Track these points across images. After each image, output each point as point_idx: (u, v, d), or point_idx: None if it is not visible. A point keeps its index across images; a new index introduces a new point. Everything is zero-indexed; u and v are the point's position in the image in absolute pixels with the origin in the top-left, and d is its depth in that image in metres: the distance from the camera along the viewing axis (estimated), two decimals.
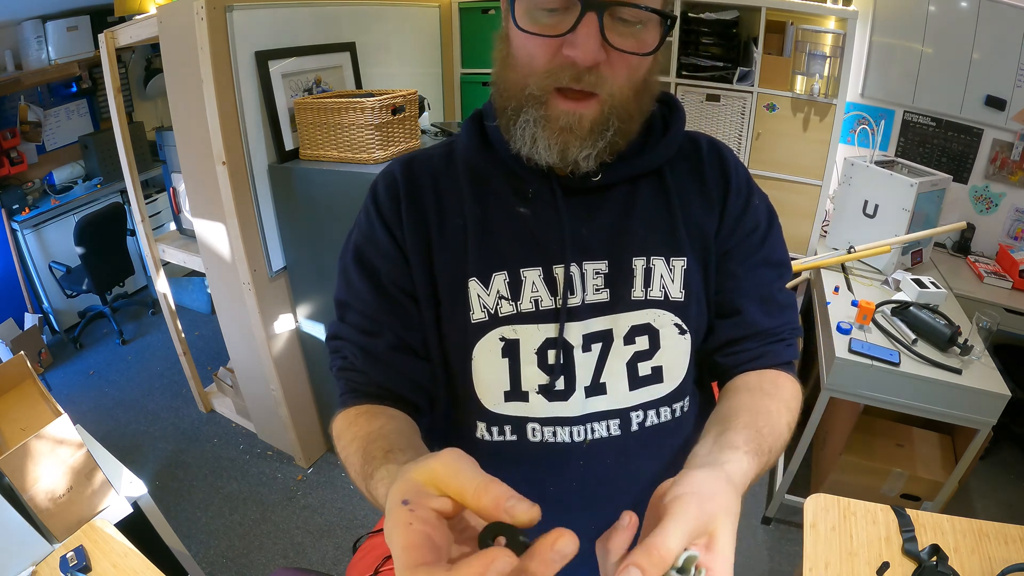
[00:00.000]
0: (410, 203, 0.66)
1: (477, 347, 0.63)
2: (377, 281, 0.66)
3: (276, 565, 1.90)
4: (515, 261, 0.63)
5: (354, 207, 1.96)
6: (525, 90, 0.56)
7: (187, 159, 1.93)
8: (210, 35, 1.55)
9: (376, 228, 0.67)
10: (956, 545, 0.97)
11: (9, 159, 3.12)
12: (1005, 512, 2.07)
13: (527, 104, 0.57)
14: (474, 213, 0.65)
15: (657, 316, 0.64)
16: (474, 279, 0.63)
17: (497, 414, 0.64)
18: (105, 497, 1.27)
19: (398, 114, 1.74)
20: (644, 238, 0.64)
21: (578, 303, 0.62)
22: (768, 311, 0.68)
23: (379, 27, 2.19)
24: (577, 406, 0.63)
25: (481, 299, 0.63)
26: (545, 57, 0.54)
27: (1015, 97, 2.15)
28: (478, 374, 0.63)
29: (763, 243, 0.69)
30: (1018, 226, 2.34)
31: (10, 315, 3.16)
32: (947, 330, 1.62)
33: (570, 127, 0.56)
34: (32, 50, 3.14)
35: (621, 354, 0.63)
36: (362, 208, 0.71)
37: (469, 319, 0.63)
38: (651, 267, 0.64)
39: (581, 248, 0.63)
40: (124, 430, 2.57)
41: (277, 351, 2.05)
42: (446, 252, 0.64)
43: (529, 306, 0.62)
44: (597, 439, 0.64)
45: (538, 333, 0.62)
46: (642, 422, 0.65)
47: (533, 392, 0.63)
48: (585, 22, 0.51)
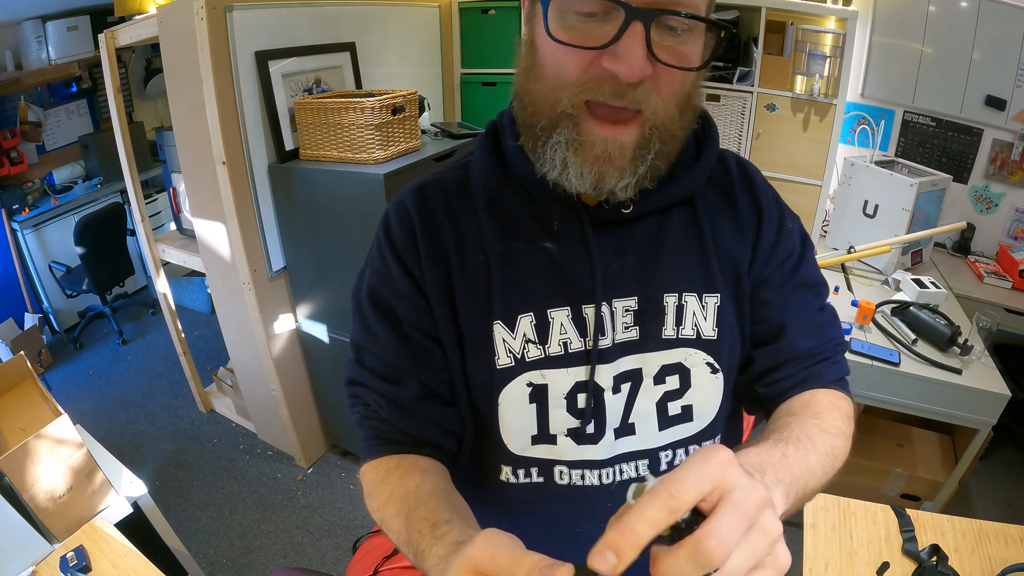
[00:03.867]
0: (427, 239, 0.61)
1: (503, 393, 0.59)
2: (397, 325, 0.62)
3: (276, 565, 1.90)
4: (542, 301, 0.59)
5: (354, 207, 1.95)
6: (556, 106, 0.50)
7: (187, 159, 1.93)
8: (210, 35, 1.55)
9: (391, 268, 0.62)
10: (956, 545, 0.97)
11: (9, 159, 3.12)
12: (1005, 512, 2.07)
13: (559, 123, 0.50)
14: (496, 249, 0.60)
15: (689, 355, 0.60)
16: (499, 322, 0.59)
17: (523, 457, 0.61)
18: (105, 497, 1.27)
19: (398, 114, 1.74)
20: (676, 273, 0.60)
21: (608, 344, 0.58)
22: (807, 333, 0.64)
23: (379, 27, 2.19)
24: (606, 448, 0.60)
25: (507, 343, 0.59)
26: (579, 68, 0.48)
27: (1015, 97, 2.15)
28: (504, 419, 0.60)
29: (798, 268, 0.65)
30: (1018, 226, 2.34)
31: (10, 315, 3.16)
32: (947, 330, 1.62)
33: (608, 155, 0.50)
34: (32, 50, 3.14)
35: (651, 394, 0.60)
36: (374, 243, 0.66)
37: (494, 364, 0.59)
38: (683, 304, 0.60)
39: (611, 285, 0.59)
40: (124, 430, 2.57)
41: (277, 351, 2.05)
42: (468, 292, 0.60)
43: (558, 349, 0.59)
44: (625, 480, 0.61)
45: (567, 377, 0.59)
46: (671, 461, 0.62)
47: (561, 435, 0.60)
48: (630, 32, 0.45)
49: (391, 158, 1.76)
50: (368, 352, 0.64)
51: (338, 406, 2.21)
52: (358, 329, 0.66)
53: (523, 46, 0.55)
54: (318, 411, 2.29)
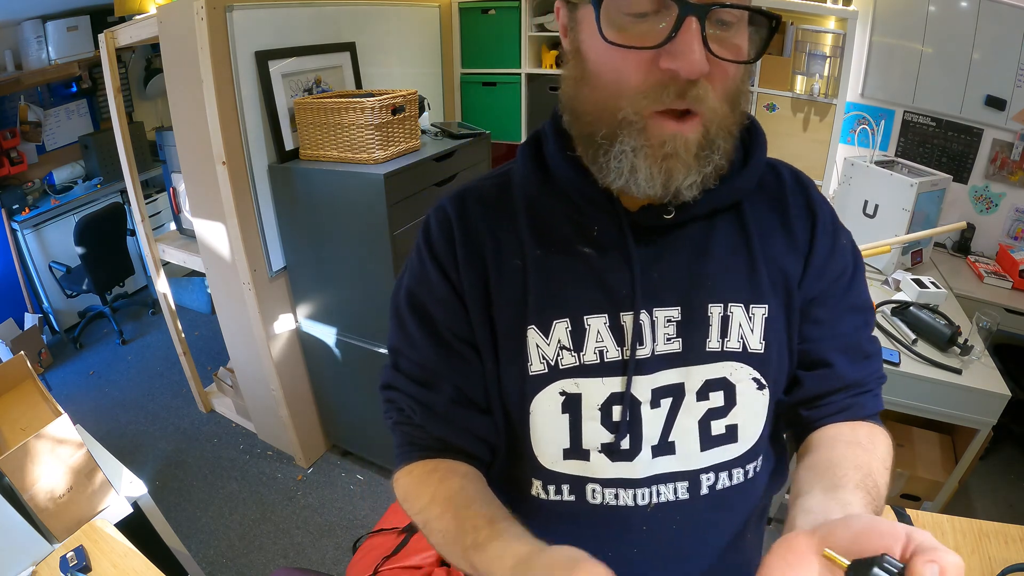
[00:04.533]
0: (465, 243, 0.60)
1: (535, 401, 0.57)
2: (434, 329, 0.61)
3: (276, 565, 1.90)
4: (578, 308, 0.57)
5: (354, 207, 1.95)
6: (618, 114, 0.48)
7: (187, 159, 1.93)
8: (210, 35, 1.55)
9: (430, 271, 0.61)
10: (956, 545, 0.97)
11: (9, 159, 3.12)
12: (1005, 512, 2.07)
13: (622, 131, 0.48)
14: (534, 254, 0.58)
15: (734, 370, 0.57)
16: (533, 327, 0.57)
17: (555, 472, 0.59)
18: (105, 497, 1.27)
19: (398, 114, 1.74)
20: (722, 283, 0.57)
21: (647, 354, 0.56)
22: (856, 361, 0.62)
23: (379, 27, 2.19)
24: (642, 467, 0.57)
25: (540, 349, 0.57)
26: (639, 73, 0.46)
27: (1015, 97, 2.15)
28: (536, 429, 0.58)
29: (849, 287, 0.62)
30: (1018, 226, 2.33)
31: (10, 315, 3.16)
32: (947, 330, 1.62)
33: (676, 152, 0.48)
34: (32, 50, 3.14)
35: (693, 411, 0.57)
36: (414, 248, 0.65)
37: (527, 370, 0.57)
38: (728, 315, 0.57)
39: (652, 293, 0.56)
40: (124, 430, 2.57)
41: (277, 351, 2.05)
42: (504, 297, 0.59)
43: (593, 357, 0.56)
44: (663, 503, 0.58)
45: (602, 387, 0.56)
46: (712, 485, 0.59)
47: (595, 451, 0.57)
48: (686, 27, 0.44)
49: (391, 158, 1.76)
50: (404, 356, 0.63)
51: (338, 406, 2.22)
52: (395, 332, 0.65)
53: (567, 56, 0.54)
54: (318, 411, 2.29)
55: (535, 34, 2.61)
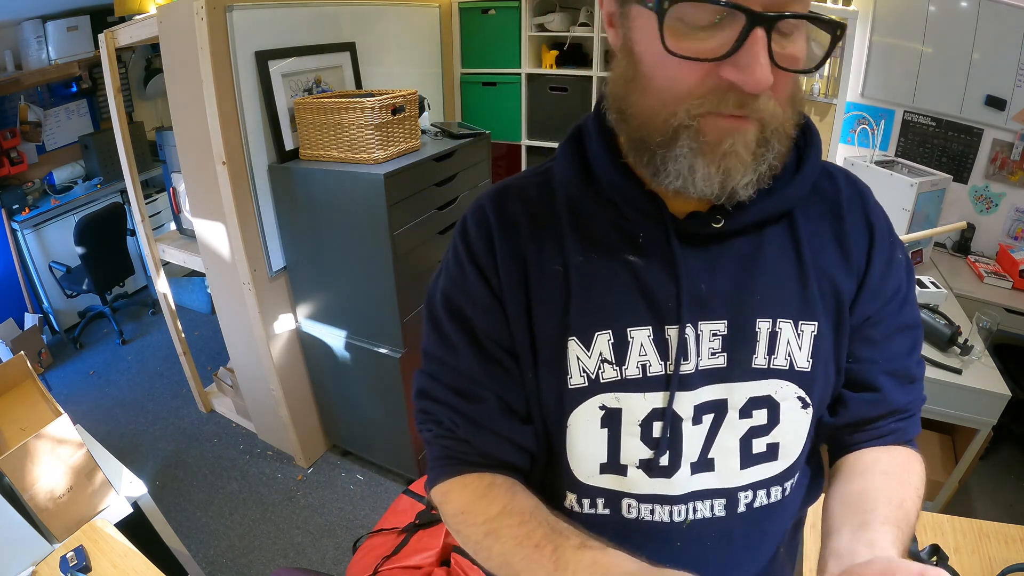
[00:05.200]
0: (505, 245, 0.57)
1: (574, 415, 0.55)
2: (474, 337, 0.59)
3: (276, 565, 1.90)
4: (622, 319, 0.54)
5: (354, 207, 1.95)
6: (671, 120, 0.46)
7: (187, 159, 1.93)
8: (210, 35, 1.55)
9: (468, 275, 0.59)
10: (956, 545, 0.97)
11: (9, 159, 3.13)
12: (1005, 512, 2.07)
13: (678, 136, 0.46)
14: (576, 260, 0.56)
15: (780, 388, 0.55)
16: (574, 339, 0.55)
17: (590, 486, 0.58)
18: (105, 497, 1.27)
19: (398, 114, 1.74)
20: (771, 297, 0.55)
21: (691, 369, 0.54)
22: (903, 386, 0.60)
23: (379, 27, 2.19)
24: (680, 484, 0.56)
25: (581, 362, 0.55)
26: (695, 80, 0.44)
27: (1015, 97, 2.15)
28: (572, 443, 0.57)
29: (903, 306, 0.60)
30: (1018, 226, 2.33)
31: (10, 315, 3.16)
32: (947, 330, 1.62)
33: (734, 150, 0.46)
34: (32, 50, 3.14)
35: (735, 428, 0.55)
36: (450, 247, 0.62)
37: (567, 383, 0.55)
38: (777, 331, 0.55)
39: (698, 306, 0.54)
40: (124, 430, 2.57)
41: (277, 351, 2.05)
42: (545, 304, 0.56)
43: (635, 372, 0.54)
44: (699, 519, 0.57)
45: (644, 403, 0.54)
46: (750, 502, 0.57)
47: (632, 466, 0.56)
48: (752, 39, 0.41)
49: (391, 158, 1.76)
50: (441, 363, 0.60)
51: (338, 406, 2.22)
52: (431, 338, 0.61)
53: (618, 53, 0.50)
54: (318, 411, 2.29)
55: (535, 34, 2.61)
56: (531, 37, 2.60)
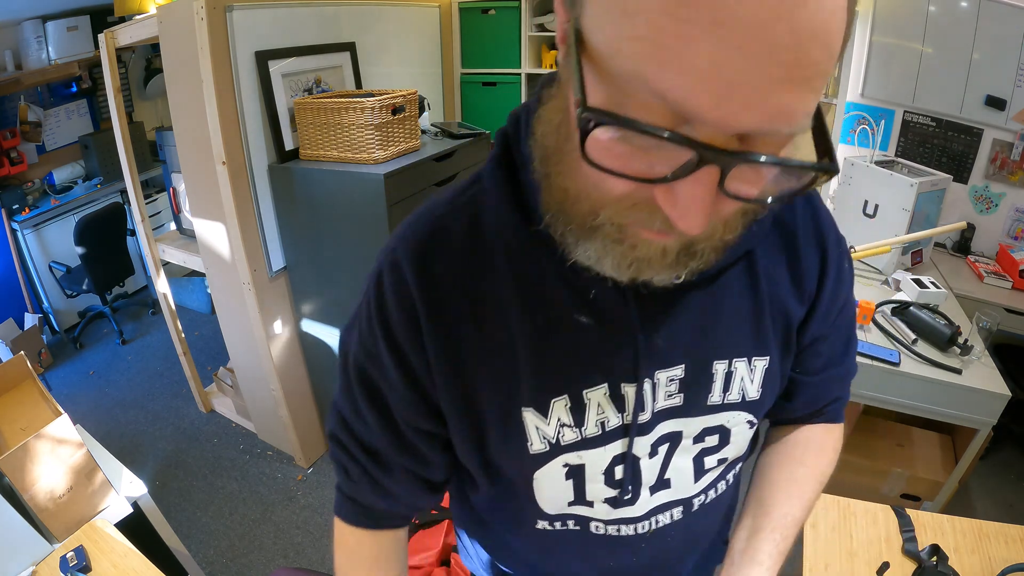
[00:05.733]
0: (433, 316, 0.50)
1: (537, 473, 0.55)
2: (387, 415, 0.55)
3: (276, 565, 1.90)
4: (577, 382, 0.52)
5: (354, 207, 1.94)
6: (590, 218, 0.39)
7: (187, 159, 1.93)
8: (210, 35, 1.55)
9: (382, 352, 0.52)
10: (956, 545, 0.97)
11: (9, 159, 3.12)
12: (1005, 512, 2.07)
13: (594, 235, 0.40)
14: (523, 328, 0.50)
15: (732, 417, 0.57)
16: (530, 409, 0.52)
17: (559, 515, 0.60)
18: (105, 497, 1.27)
19: (398, 114, 1.74)
20: (729, 339, 0.54)
21: (647, 417, 0.54)
22: (843, 380, 0.65)
23: (379, 27, 2.19)
24: (642, 506, 0.58)
25: (540, 430, 0.53)
26: (622, 190, 0.36)
27: (1015, 97, 2.15)
28: (539, 491, 0.57)
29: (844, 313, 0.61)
30: (1018, 226, 2.33)
31: (10, 315, 3.16)
32: (947, 330, 1.62)
33: (649, 259, 0.40)
34: (32, 50, 3.14)
35: (688, 451, 0.57)
36: (363, 302, 0.54)
37: (527, 449, 0.53)
38: (732, 371, 0.55)
39: (656, 359, 0.52)
40: (124, 430, 2.57)
41: (277, 351, 2.05)
42: (491, 373, 0.52)
43: (595, 430, 0.53)
44: (660, 527, 0.60)
45: (604, 454, 0.54)
46: (703, 502, 0.62)
47: (599, 501, 0.58)
48: (698, 177, 0.32)
49: (391, 158, 1.76)
50: (353, 431, 0.59)
51: None
52: (344, 398, 0.58)
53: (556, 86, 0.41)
54: (318, 411, 2.29)
55: (535, 34, 2.61)
56: (531, 37, 2.61)
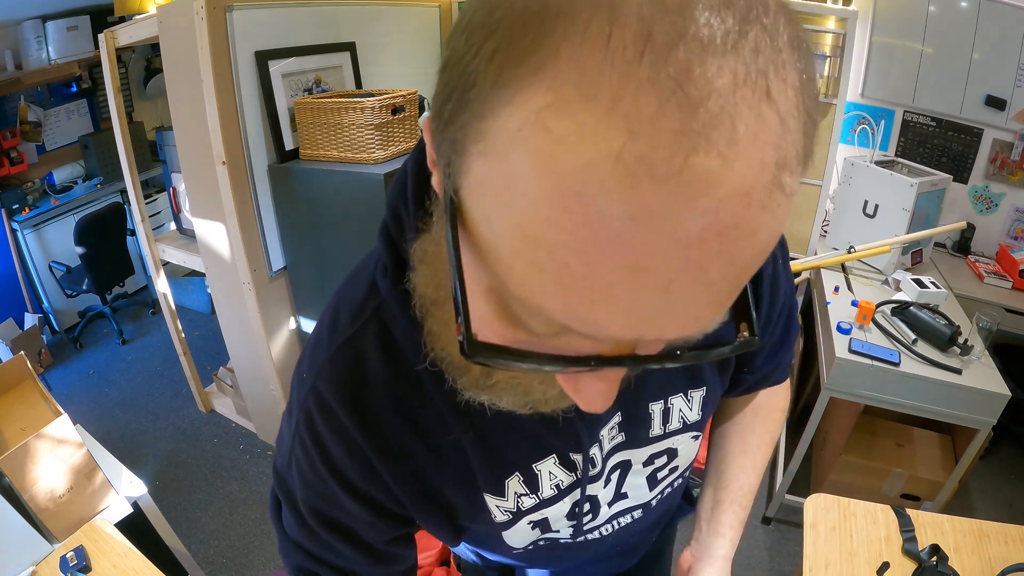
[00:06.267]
0: (384, 455, 0.49)
1: (506, 534, 0.58)
2: (357, 541, 0.55)
3: (276, 565, 1.90)
4: (525, 459, 0.53)
5: (354, 207, 1.94)
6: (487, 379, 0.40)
7: (187, 159, 1.93)
8: (210, 35, 1.55)
9: (339, 495, 0.51)
10: (956, 545, 0.97)
11: (9, 159, 3.12)
12: (1005, 512, 2.07)
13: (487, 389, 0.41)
14: (464, 430, 0.50)
15: (676, 440, 0.59)
16: (487, 494, 0.54)
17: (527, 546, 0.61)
18: (105, 497, 1.27)
19: (398, 114, 1.74)
20: (660, 381, 0.55)
21: (599, 469, 0.56)
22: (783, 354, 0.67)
23: (379, 27, 2.19)
24: (603, 517, 0.62)
25: (500, 506, 0.55)
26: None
27: (1015, 97, 2.15)
28: (510, 539, 0.59)
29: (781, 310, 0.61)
30: (1018, 226, 2.34)
31: (10, 315, 3.16)
32: (947, 330, 1.62)
33: (547, 400, 0.41)
34: (32, 50, 3.14)
35: (641, 473, 0.60)
36: (295, 443, 0.51)
37: (493, 521, 0.56)
38: (669, 407, 0.56)
39: (596, 423, 0.53)
40: (124, 430, 2.57)
41: (277, 351, 2.05)
42: (448, 477, 0.52)
43: (551, 492, 0.55)
44: (622, 527, 0.65)
45: (564, 506, 0.57)
46: (660, 499, 0.65)
47: (564, 528, 0.60)
48: (601, 375, 0.30)
49: (391, 158, 1.76)
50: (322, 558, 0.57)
51: None
52: (302, 534, 0.55)
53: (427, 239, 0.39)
54: None
55: None
56: None
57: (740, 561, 1.89)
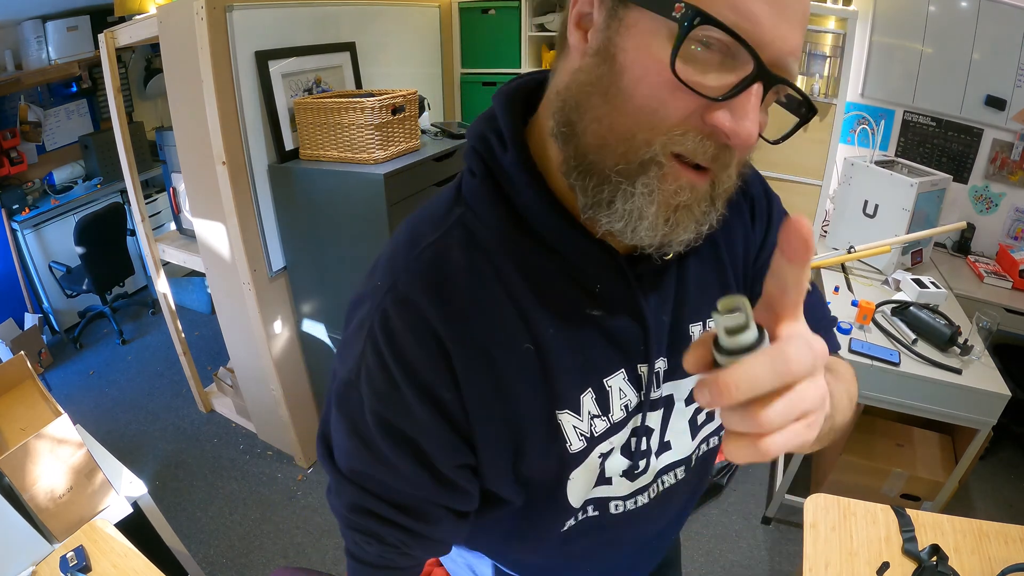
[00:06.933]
0: (463, 350, 0.49)
1: (575, 472, 0.56)
2: (425, 461, 0.53)
3: (276, 565, 1.90)
4: (598, 373, 0.54)
5: (354, 207, 1.94)
6: (643, 150, 0.41)
7: (187, 159, 1.93)
8: (210, 35, 1.55)
9: (409, 397, 0.49)
10: (956, 545, 0.97)
11: (9, 159, 3.12)
12: (1005, 512, 2.07)
13: (646, 169, 0.41)
14: (546, 332, 0.51)
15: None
16: (566, 411, 0.53)
17: (581, 505, 0.60)
18: (105, 497, 1.27)
19: (398, 114, 1.74)
20: (699, 301, 0.58)
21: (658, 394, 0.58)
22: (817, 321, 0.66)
23: (379, 27, 2.19)
24: (652, 471, 0.62)
25: (577, 428, 0.54)
26: (683, 113, 0.39)
27: (1015, 97, 2.15)
28: (572, 489, 0.58)
29: None
30: (1018, 226, 2.34)
31: (10, 315, 3.16)
32: (947, 330, 1.62)
33: (688, 205, 0.43)
34: (32, 50, 3.14)
35: (683, 414, 0.61)
36: (365, 358, 0.50)
37: (567, 451, 0.54)
38: (706, 329, 0.59)
39: (659, 337, 0.56)
40: (124, 430, 2.57)
41: (277, 351, 2.05)
42: (522, 387, 0.52)
43: (621, 414, 0.56)
44: (666, 488, 0.64)
45: (626, 432, 0.58)
46: (700, 457, 0.66)
47: (616, 476, 0.59)
48: (752, 90, 0.38)
49: (391, 158, 1.76)
50: (381, 483, 0.55)
51: None
52: (363, 462, 0.54)
53: (586, 56, 0.43)
54: (318, 411, 2.29)
55: (535, 34, 2.61)
56: (531, 37, 2.60)
57: (740, 561, 1.90)
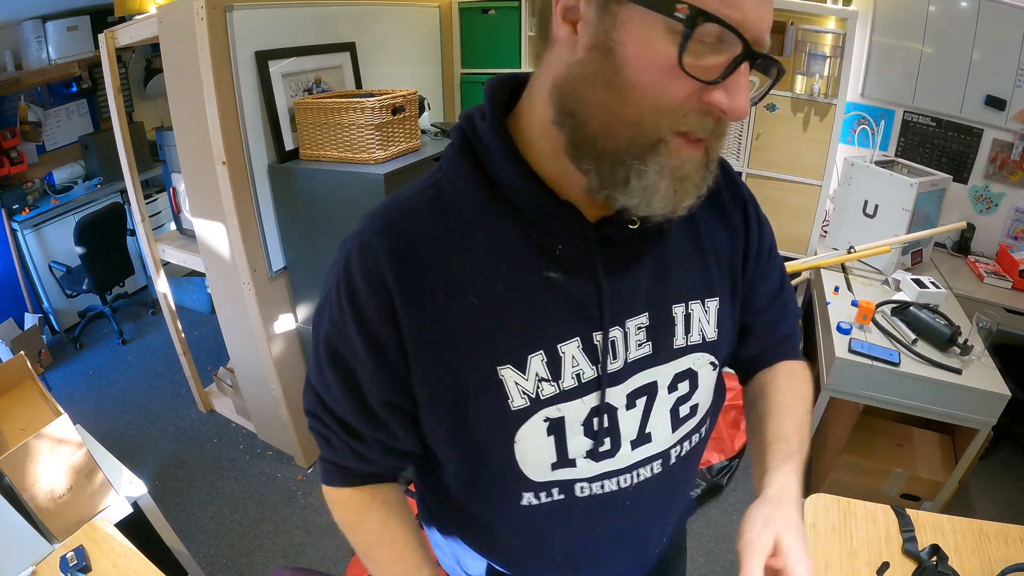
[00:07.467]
0: (405, 293, 0.53)
1: (520, 432, 0.57)
2: (358, 395, 0.58)
3: (276, 565, 1.90)
4: (551, 336, 0.55)
5: (354, 207, 1.95)
6: (651, 132, 0.45)
7: (187, 159, 1.93)
8: (210, 35, 1.55)
9: (352, 331, 0.55)
10: (956, 545, 0.97)
11: (9, 159, 3.12)
12: (1005, 512, 2.07)
13: (656, 150, 0.46)
14: (495, 288, 0.53)
15: (697, 359, 0.62)
16: (508, 366, 0.54)
17: (543, 483, 0.61)
18: (105, 497, 1.27)
19: (398, 114, 1.74)
20: (681, 282, 0.60)
21: (620, 365, 0.58)
22: (785, 318, 0.73)
23: (379, 27, 2.19)
24: (624, 459, 0.61)
25: (520, 386, 0.55)
26: (683, 97, 0.44)
27: (1015, 97, 2.15)
28: (523, 454, 0.58)
29: (771, 255, 0.70)
30: (1018, 226, 2.34)
31: (10, 315, 3.16)
32: (947, 330, 1.62)
33: (689, 175, 0.48)
34: (32, 50, 3.14)
35: (665, 402, 0.62)
36: (331, 287, 0.56)
37: (508, 407, 0.55)
38: (690, 312, 0.61)
39: (621, 307, 0.57)
40: (124, 430, 2.57)
41: (277, 351, 2.05)
42: (466, 338, 0.54)
43: (572, 382, 0.56)
44: (642, 481, 0.64)
45: (583, 406, 0.57)
46: (679, 454, 0.66)
47: (580, 457, 0.59)
48: (742, 69, 0.43)
49: (391, 158, 1.76)
50: (327, 408, 0.62)
51: None
52: (316, 374, 0.61)
53: (578, 48, 0.46)
54: None
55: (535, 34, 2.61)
56: (531, 37, 2.60)
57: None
